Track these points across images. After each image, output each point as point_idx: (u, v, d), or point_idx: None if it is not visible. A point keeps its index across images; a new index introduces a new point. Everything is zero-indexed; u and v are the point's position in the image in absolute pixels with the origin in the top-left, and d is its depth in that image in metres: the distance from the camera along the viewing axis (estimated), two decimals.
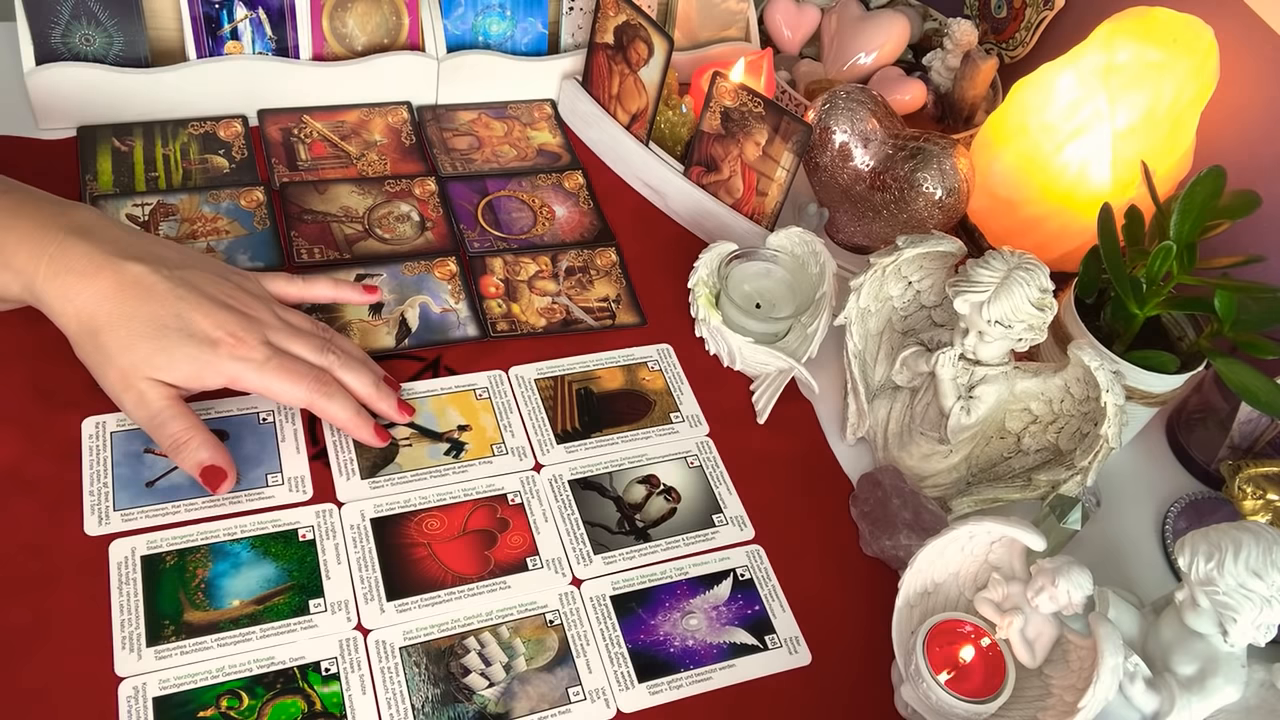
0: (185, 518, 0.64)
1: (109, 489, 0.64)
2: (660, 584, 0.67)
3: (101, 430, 0.66)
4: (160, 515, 0.63)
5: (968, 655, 0.61)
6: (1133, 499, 0.79)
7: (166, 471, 0.65)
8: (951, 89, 0.99)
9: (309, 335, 0.68)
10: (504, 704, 0.60)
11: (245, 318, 0.65)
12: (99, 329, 0.62)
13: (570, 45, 0.96)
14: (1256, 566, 0.56)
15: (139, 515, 0.63)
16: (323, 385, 0.66)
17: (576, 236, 0.86)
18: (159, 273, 0.63)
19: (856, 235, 0.88)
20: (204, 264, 0.67)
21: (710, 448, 0.75)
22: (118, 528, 0.62)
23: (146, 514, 0.63)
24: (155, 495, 0.64)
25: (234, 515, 0.64)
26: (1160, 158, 0.80)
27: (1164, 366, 0.73)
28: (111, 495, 0.63)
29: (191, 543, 0.63)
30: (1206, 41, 0.78)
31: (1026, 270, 0.66)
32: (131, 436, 0.66)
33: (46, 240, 0.62)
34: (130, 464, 0.65)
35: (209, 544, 0.63)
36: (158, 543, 0.62)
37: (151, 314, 0.62)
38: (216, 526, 0.64)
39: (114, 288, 0.62)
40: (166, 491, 0.64)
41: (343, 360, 0.68)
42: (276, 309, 0.68)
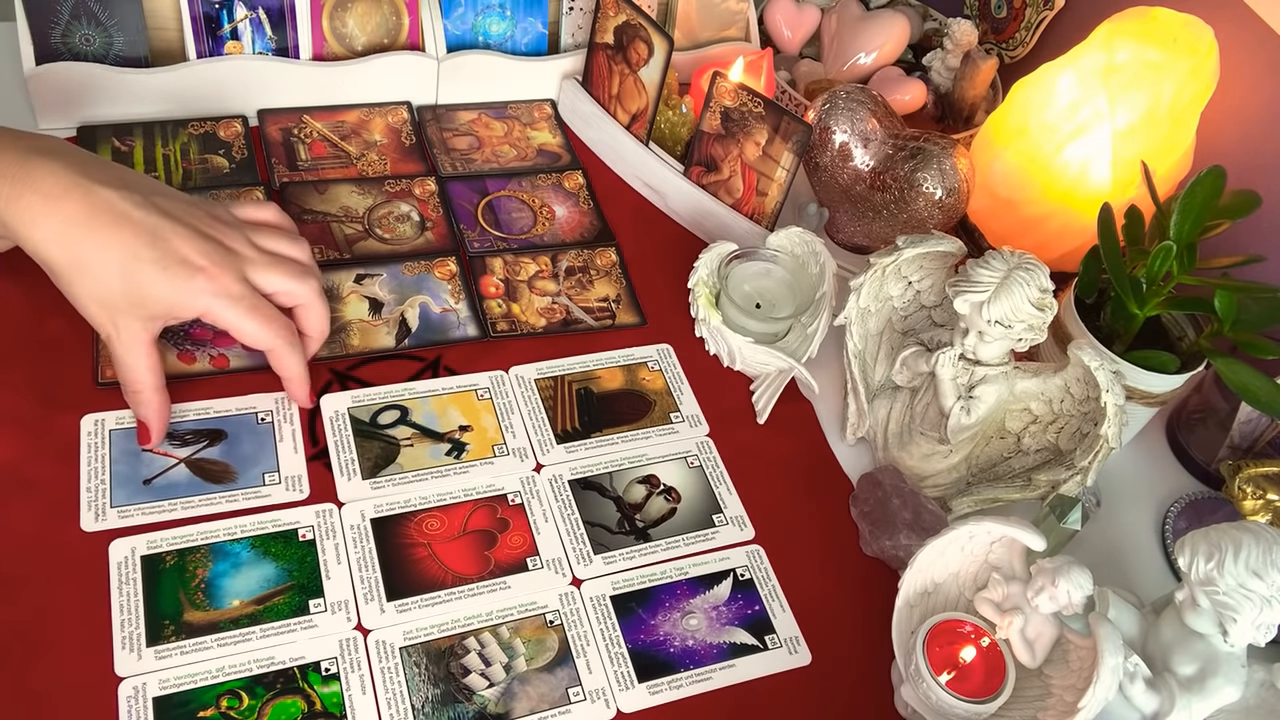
0: (183, 515, 0.63)
1: (106, 486, 0.64)
2: (660, 584, 0.67)
3: (100, 428, 0.66)
4: (156, 513, 0.63)
5: (968, 655, 0.61)
6: (1133, 499, 0.79)
7: (164, 470, 0.65)
8: (951, 89, 0.99)
9: (285, 265, 0.66)
10: (504, 704, 0.60)
11: (222, 248, 0.63)
12: (73, 260, 0.59)
13: (570, 45, 0.96)
14: (1256, 566, 0.56)
15: (135, 513, 0.63)
16: (289, 336, 0.66)
17: (576, 236, 0.86)
18: (131, 199, 0.60)
19: (856, 235, 0.88)
20: (174, 191, 0.65)
21: (710, 448, 0.75)
22: (114, 524, 0.62)
23: (143, 511, 0.63)
24: (153, 493, 0.64)
25: (234, 515, 0.64)
26: (1160, 158, 0.80)
27: (1164, 366, 0.73)
28: (109, 493, 0.63)
29: (191, 542, 0.63)
30: (1206, 41, 0.78)
31: (1026, 270, 0.66)
32: (130, 434, 0.66)
33: (6, 160, 0.58)
34: (128, 461, 0.65)
35: (209, 544, 0.63)
36: (157, 542, 0.62)
37: (125, 243, 0.59)
38: (216, 526, 0.64)
39: (85, 213, 0.59)
40: (164, 489, 0.64)
41: (315, 293, 0.68)
42: (251, 235, 0.66)
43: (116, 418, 0.67)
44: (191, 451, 0.67)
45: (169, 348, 0.71)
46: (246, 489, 0.66)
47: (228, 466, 0.66)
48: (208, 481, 0.65)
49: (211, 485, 0.65)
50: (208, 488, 0.65)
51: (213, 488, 0.65)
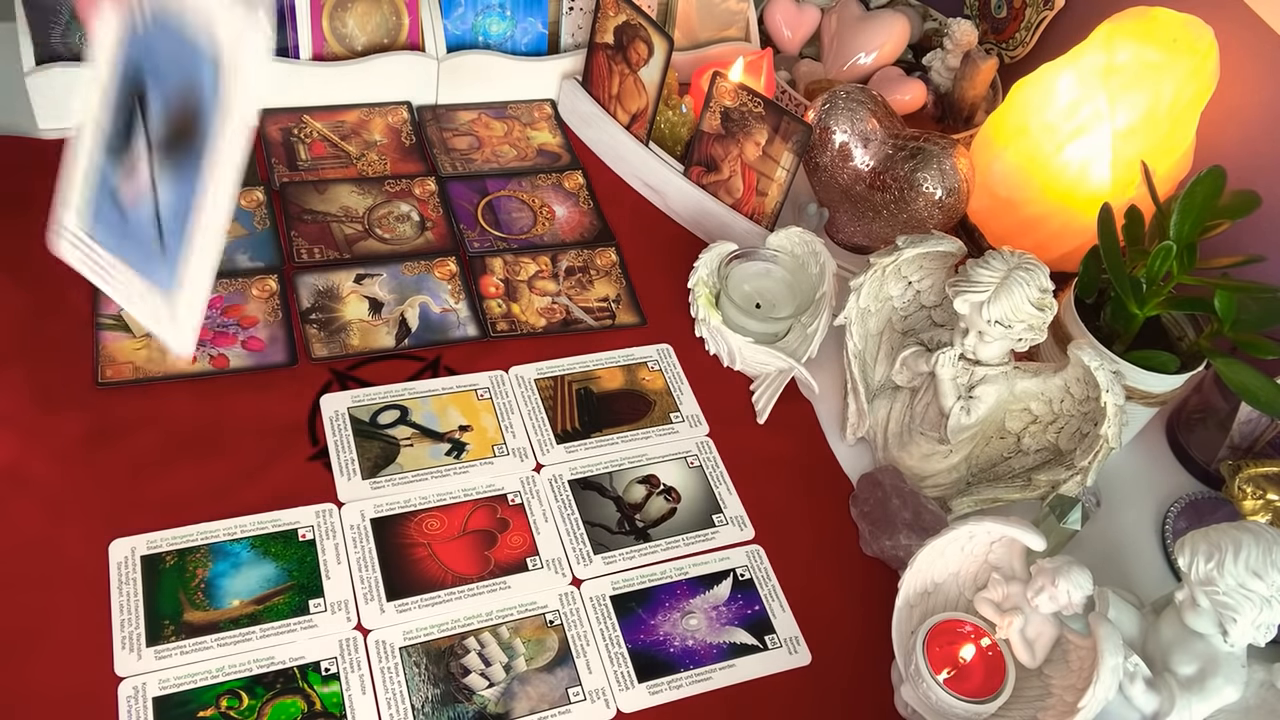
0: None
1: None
2: (660, 584, 0.67)
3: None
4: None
5: (968, 655, 0.61)
6: (1133, 499, 0.79)
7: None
8: (951, 89, 0.99)
9: None
10: (504, 704, 0.60)
11: None
12: None
13: (570, 45, 0.96)
14: (1256, 566, 0.56)
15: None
16: None
17: (576, 236, 0.86)
18: None
19: (856, 235, 0.88)
20: None
21: (710, 448, 0.75)
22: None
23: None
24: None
25: (233, 515, 0.64)
26: (1160, 158, 0.80)
27: (1164, 366, 0.73)
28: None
29: (191, 542, 0.63)
30: (1206, 41, 0.78)
31: (1026, 270, 0.66)
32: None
33: None
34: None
35: (209, 544, 0.63)
36: (157, 543, 0.62)
37: None
38: (216, 526, 0.64)
39: None
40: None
41: None
42: None
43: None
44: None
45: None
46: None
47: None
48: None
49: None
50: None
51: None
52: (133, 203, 0.51)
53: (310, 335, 0.74)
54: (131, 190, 0.51)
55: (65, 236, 0.52)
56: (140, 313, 0.54)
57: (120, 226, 0.51)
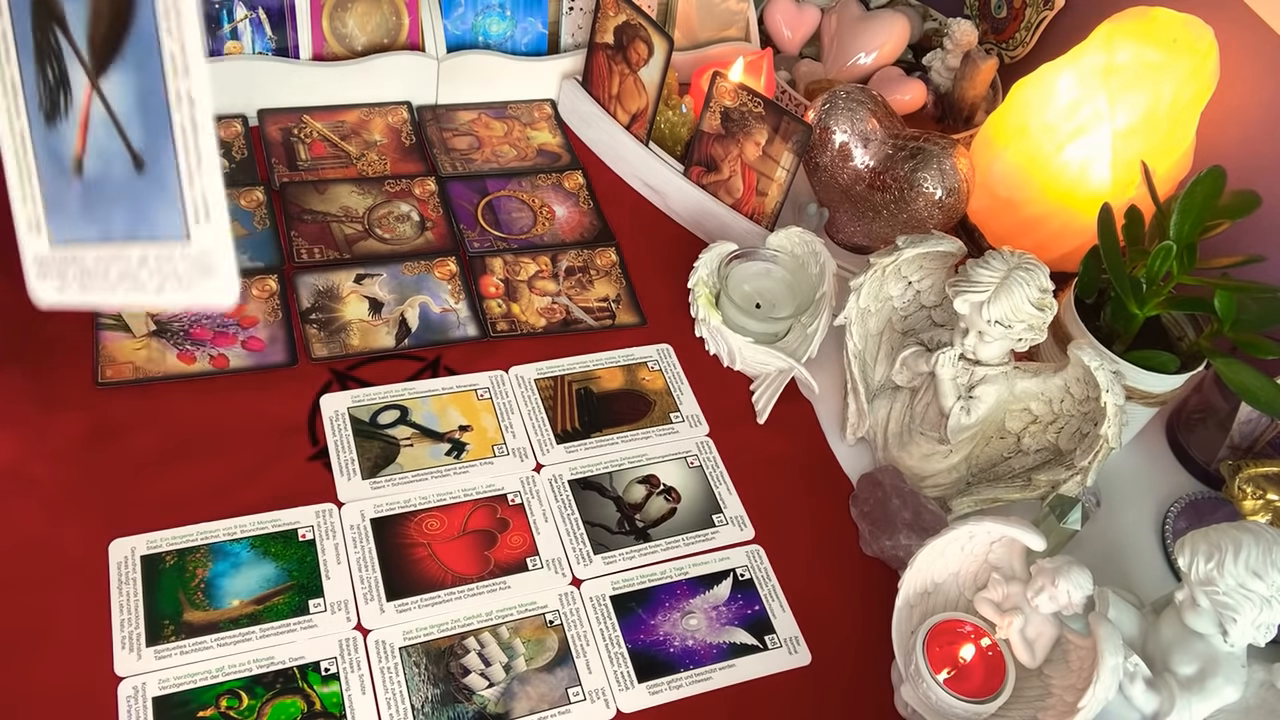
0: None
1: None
2: (660, 584, 0.67)
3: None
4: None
5: (968, 655, 0.61)
6: (1133, 499, 0.79)
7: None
8: (951, 89, 0.99)
9: None
10: (504, 704, 0.60)
11: None
12: None
13: (570, 45, 0.96)
14: (1256, 566, 0.56)
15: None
16: None
17: (576, 236, 0.86)
18: None
19: (856, 235, 0.88)
20: None
21: (710, 448, 0.75)
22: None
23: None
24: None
25: (233, 515, 0.64)
26: (1160, 158, 0.80)
27: (1164, 366, 0.73)
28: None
29: (191, 543, 0.63)
30: (1206, 41, 0.78)
31: (1026, 270, 0.66)
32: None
33: None
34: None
35: (209, 544, 0.63)
36: (157, 542, 0.62)
37: None
38: (216, 526, 0.64)
39: None
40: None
41: None
42: None
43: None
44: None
45: (169, 347, 0.71)
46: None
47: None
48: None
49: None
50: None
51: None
52: (87, 147, 0.39)
53: (310, 335, 0.74)
54: (80, 135, 0.38)
55: (41, 272, 0.40)
56: (161, 293, 0.40)
57: (86, 198, 0.39)
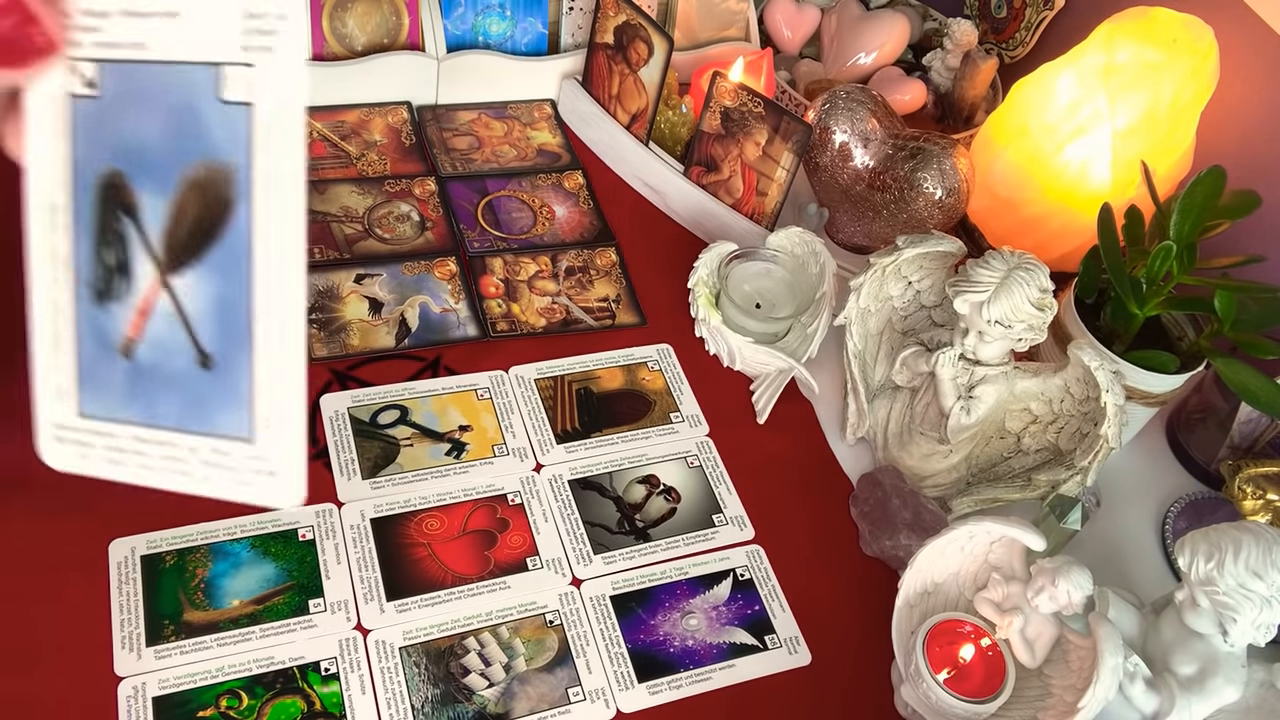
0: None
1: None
2: (660, 584, 0.67)
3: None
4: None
5: (968, 655, 0.61)
6: (1133, 499, 0.79)
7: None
8: (951, 89, 0.99)
9: None
10: (504, 704, 0.60)
11: None
12: None
13: (570, 45, 0.96)
14: (1256, 566, 0.56)
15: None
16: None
17: (576, 236, 0.86)
18: None
19: (856, 235, 0.88)
20: None
21: (710, 448, 0.75)
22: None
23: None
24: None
25: (233, 515, 0.64)
26: (1160, 158, 0.80)
27: (1164, 366, 0.73)
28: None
29: (191, 542, 0.63)
30: (1206, 41, 0.78)
31: (1026, 270, 0.66)
32: None
33: None
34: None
35: (209, 544, 0.63)
36: (157, 542, 0.62)
37: None
38: (216, 526, 0.64)
39: None
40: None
41: None
42: None
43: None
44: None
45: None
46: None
47: None
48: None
49: None
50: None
51: None
52: (143, 335, 0.35)
53: (310, 335, 0.74)
54: (135, 321, 0.35)
55: (60, 437, 0.37)
56: (209, 483, 0.36)
57: (133, 380, 0.36)
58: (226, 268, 0.33)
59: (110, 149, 0.33)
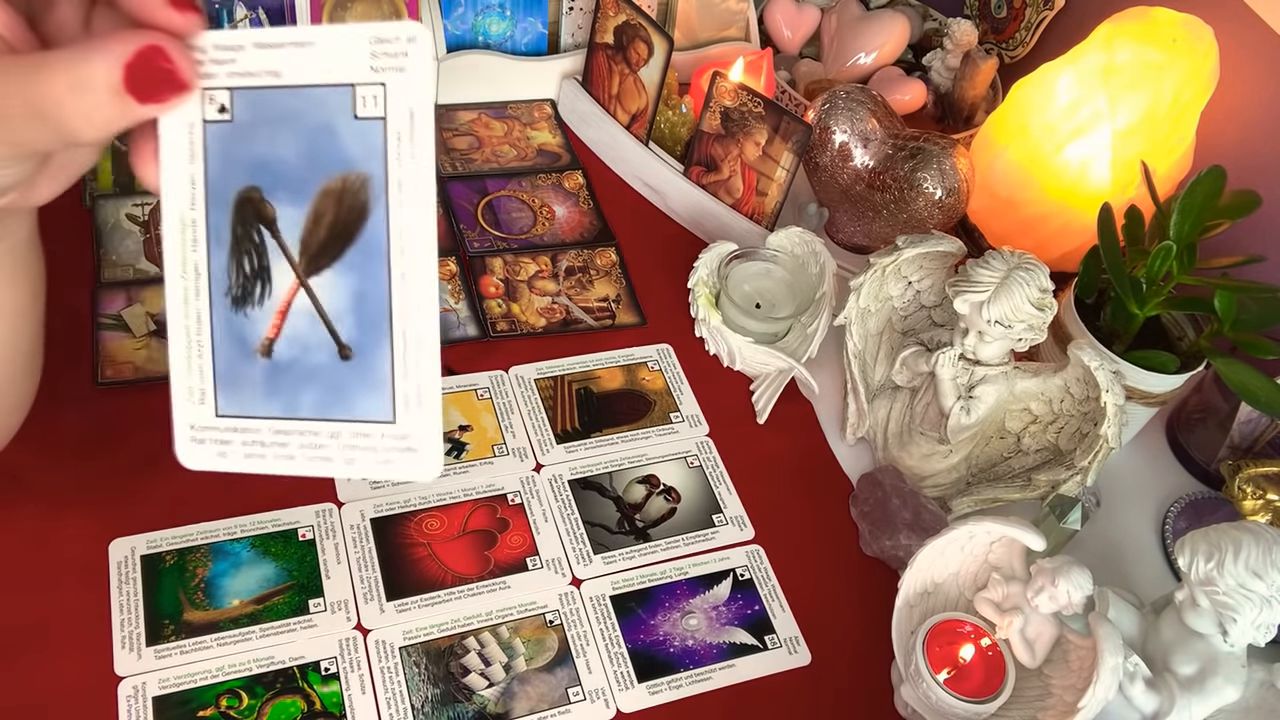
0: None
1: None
2: (660, 584, 0.67)
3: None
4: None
5: (968, 655, 0.61)
6: (1133, 499, 0.79)
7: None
8: (951, 89, 0.99)
9: None
10: (504, 704, 0.60)
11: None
12: None
13: (570, 45, 0.96)
14: (1256, 566, 0.56)
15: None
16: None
17: (576, 236, 0.86)
18: None
19: (856, 235, 0.88)
20: None
21: (710, 448, 0.75)
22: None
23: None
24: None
25: (233, 515, 0.64)
26: (1160, 158, 0.80)
27: (1164, 366, 0.73)
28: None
29: (191, 542, 0.63)
30: (1206, 41, 0.78)
31: (1026, 270, 0.66)
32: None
33: None
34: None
35: (209, 544, 0.63)
36: (158, 542, 0.62)
37: None
38: (216, 526, 0.64)
39: None
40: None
41: None
42: None
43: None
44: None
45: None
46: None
47: None
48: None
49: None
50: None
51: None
52: (282, 334, 0.37)
53: None
54: (272, 323, 0.37)
55: (197, 438, 0.38)
56: (353, 464, 0.38)
57: (272, 377, 0.37)
58: (363, 265, 0.35)
59: (245, 167, 0.34)
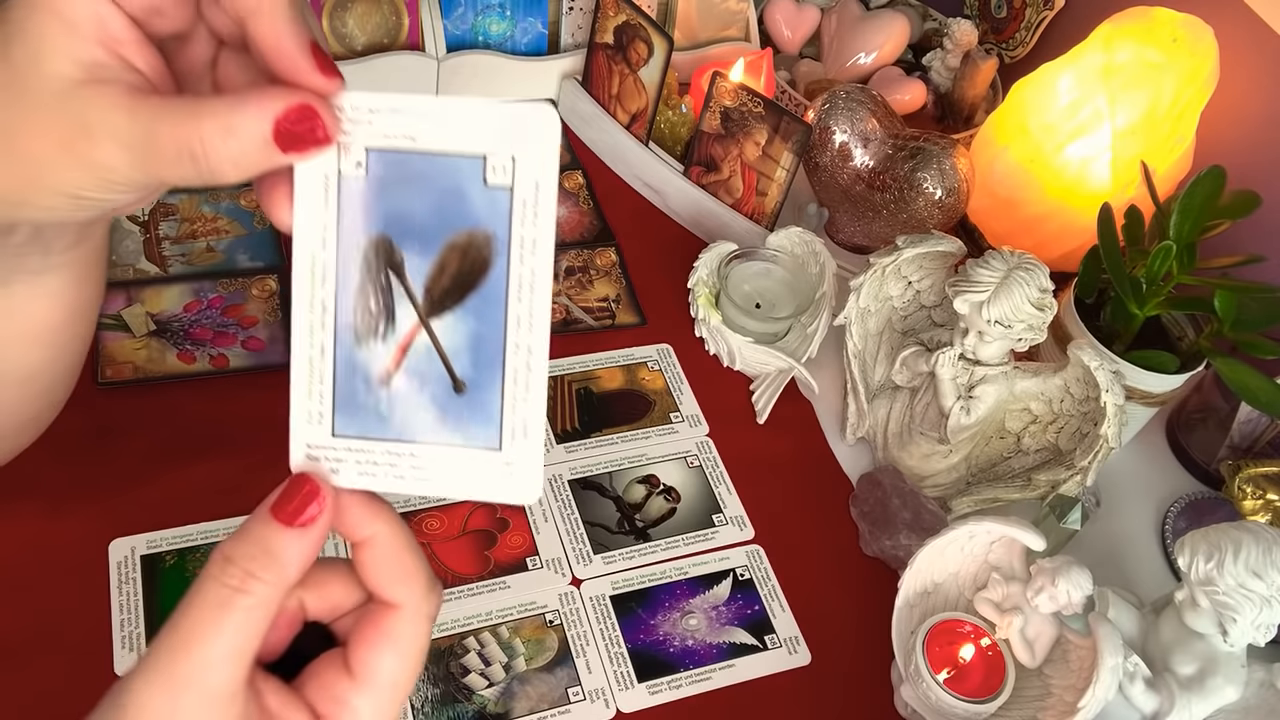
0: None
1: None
2: (660, 584, 0.67)
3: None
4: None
5: (968, 655, 0.61)
6: (1133, 499, 0.79)
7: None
8: (951, 89, 0.99)
9: None
10: (504, 704, 0.60)
11: None
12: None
13: (570, 45, 0.96)
14: (1256, 566, 0.56)
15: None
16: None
17: (576, 236, 0.86)
18: None
19: (856, 235, 0.88)
20: None
21: (710, 448, 0.75)
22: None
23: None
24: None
25: (233, 515, 0.64)
26: (1160, 158, 0.80)
27: (1164, 366, 0.73)
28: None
29: (191, 542, 0.63)
30: (1206, 41, 0.78)
31: (1026, 270, 0.66)
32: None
33: None
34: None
35: (209, 544, 0.63)
36: (157, 542, 0.62)
37: None
38: (216, 526, 0.64)
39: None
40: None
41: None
42: None
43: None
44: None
45: (169, 347, 0.71)
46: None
47: None
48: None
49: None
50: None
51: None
52: (401, 367, 0.40)
53: None
54: (394, 359, 0.40)
55: (313, 455, 0.41)
56: (458, 485, 0.41)
57: (389, 404, 0.40)
58: (482, 312, 0.38)
59: (377, 219, 0.37)
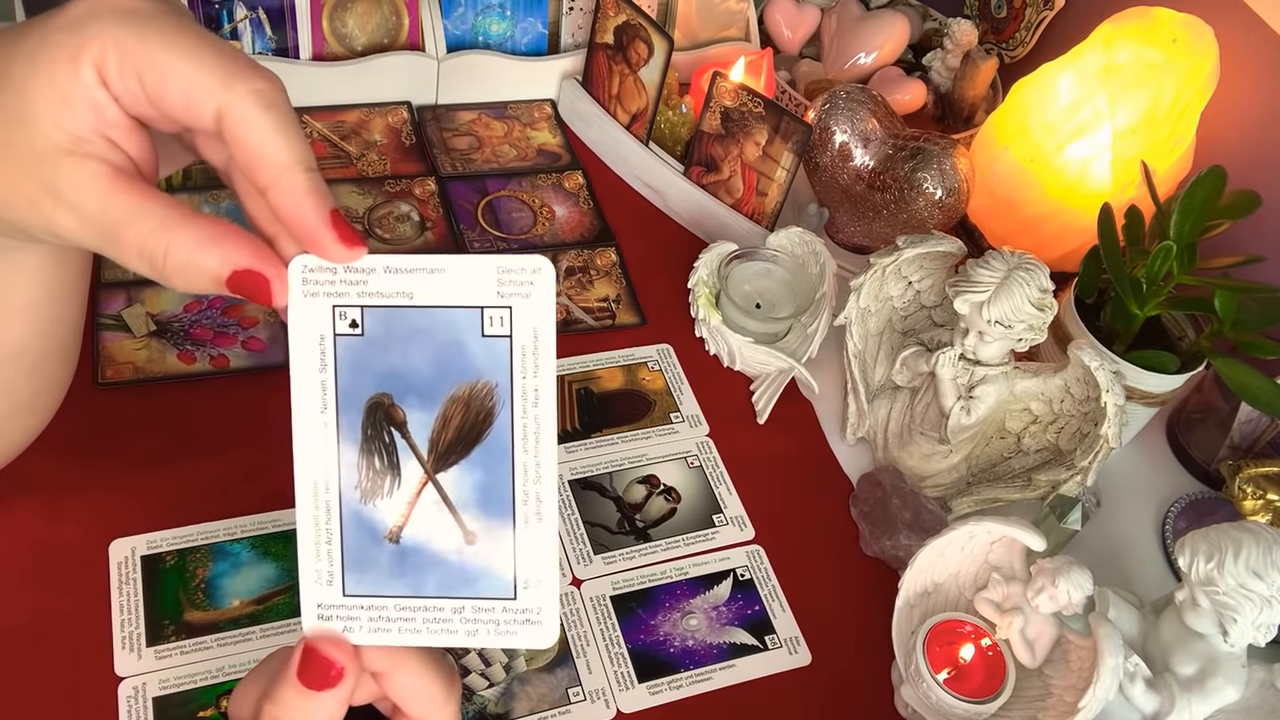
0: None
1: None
2: (660, 584, 0.67)
3: None
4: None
5: (968, 655, 0.61)
6: (1133, 499, 0.79)
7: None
8: (951, 89, 0.99)
9: None
10: (504, 704, 0.60)
11: None
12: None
13: (570, 45, 0.96)
14: (1256, 566, 0.56)
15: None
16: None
17: (576, 236, 0.86)
18: None
19: (856, 235, 0.88)
20: None
21: (710, 448, 0.75)
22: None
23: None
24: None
25: (233, 515, 0.64)
26: (1160, 158, 0.80)
27: (1164, 366, 0.73)
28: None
29: (191, 542, 0.63)
30: (1206, 41, 0.78)
31: (1026, 270, 0.66)
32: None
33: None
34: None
35: (209, 544, 0.63)
36: (157, 542, 0.62)
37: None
38: (216, 526, 0.64)
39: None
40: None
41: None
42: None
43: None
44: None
45: (169, 347, 0.71)
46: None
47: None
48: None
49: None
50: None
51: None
52: (410, 522, 0.39)
53: None
54: (402, 515, 0.39)
55: (324, 615, 0.40)
56: (474, 636, 0.40)
57: (399, 561, 0.40)
58: (489, 463, 0.38)
59: (376, 375, 0.37)
